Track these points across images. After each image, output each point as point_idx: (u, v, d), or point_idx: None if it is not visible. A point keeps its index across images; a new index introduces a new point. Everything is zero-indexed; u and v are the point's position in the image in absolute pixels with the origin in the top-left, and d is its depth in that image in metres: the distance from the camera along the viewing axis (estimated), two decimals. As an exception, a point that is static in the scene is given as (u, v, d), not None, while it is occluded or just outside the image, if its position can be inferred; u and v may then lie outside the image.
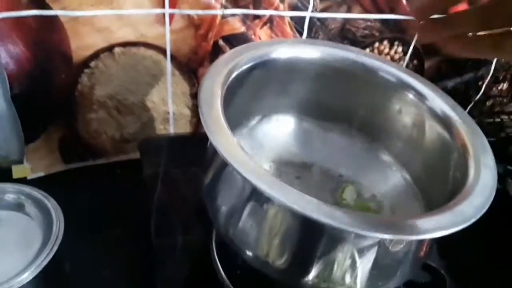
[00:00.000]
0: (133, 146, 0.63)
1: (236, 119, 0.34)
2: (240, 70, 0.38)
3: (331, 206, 0.28)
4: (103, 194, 0.57)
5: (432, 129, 0.42)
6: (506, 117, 0.73)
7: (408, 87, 0.43)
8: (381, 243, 0.31)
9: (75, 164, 0.61)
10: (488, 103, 0.83)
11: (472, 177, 0.34)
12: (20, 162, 0.58)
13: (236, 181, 0.33)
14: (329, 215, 0.27)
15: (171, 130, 0.64)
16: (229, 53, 0.40)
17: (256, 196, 0.31)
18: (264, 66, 0.41)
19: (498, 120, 0.73)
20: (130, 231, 0.53)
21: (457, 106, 0.41)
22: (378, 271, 0.33)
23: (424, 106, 0.42)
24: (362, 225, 0.27)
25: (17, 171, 0.58)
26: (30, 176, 0.59)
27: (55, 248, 0.40)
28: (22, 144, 0.57)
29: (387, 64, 0.44)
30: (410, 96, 0.43)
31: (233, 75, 0.37)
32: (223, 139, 0.31)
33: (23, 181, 0.58)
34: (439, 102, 0.41)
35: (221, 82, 0.35)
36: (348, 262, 0.32)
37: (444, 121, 0.41)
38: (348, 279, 0.32)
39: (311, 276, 0.33)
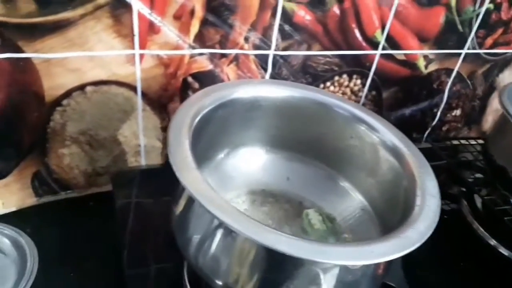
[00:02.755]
0: (105, 179, 0.64)
1: (204, 154, 0.37)
2: (206, 110, 0.41)
3: (290, 236, 0.31)
4: (76, 227, 0.58)
5: (385, 159, 0.46)
6: (459, 142, 0.78)
7: (361, 121, 0.47)
8: (340, 268, 0.34)
9: (47, 198, 0.62)
10: (444, 128, 0.88)
11: (418, 204, 0.37)
12: (-9, 198, 0.59)
13: (203, 215, 0.35)
14: (289, 245, 0.30)
15: (143, 162, 0.66)
16: (196, 95, 0.43)
17: (222, 228, 0.34)
18: (228, 105, 0.44)
19: (452, 144, 0.78)
20: (103, 262, 0.54)
21: (405, 138, 0.45)
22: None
23: (377, 138, 0.46)
24: (319, 253, 0.30)
25: (-11, 207, 0.59)
26: (1, 211, 0.59)
27: (30, 284, 0.41)
28: (-6, 181, 0.58)
29: (341, 101, 0.48)
30: (363, 129, 0.47)
31: (200, 115, 0.40)
32: (190, 176, 0.34)
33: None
34: (389, 134, 0.45)
35: (188, 122, 0.38)
36: (310, 287, 0.34)
37: (395, 152, 0.45)
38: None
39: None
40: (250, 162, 0.52)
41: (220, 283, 0.37)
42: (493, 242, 0.61)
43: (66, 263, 0.53)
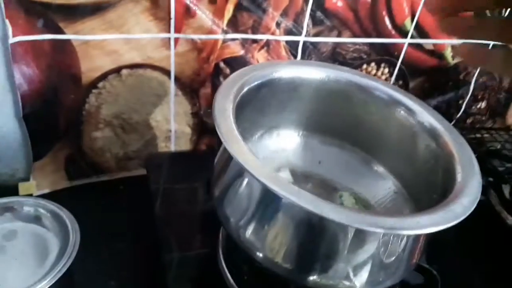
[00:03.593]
0: (135, 163, 0.66)
1: (241, 133, 0.37)
2: (248, 88, 0.42)
3: (337, 205, 0.32)
4: (107, 210, 0.59)
5: (421, 140, 0.46)
6: (486, 133, 0.78)
7: (399, 103, 0.48)
8: (380, 240, 0.34)
9: (79, 181, 0.63)
10: (469, 121, 0.88)
11: (459, 181, 0.38)
12: (26, 179, 0.60)
13: (250, 185, 0.36)
14: (337, 212, 0.30)
15: (172, 147, 0.67)
16: (237, 73, 0.43)
17: (269, 198, 0.34)
18: (268, 85, 0.45)
19: (478, 136, 0.78)
20: (136, 244, 0.56)
21: (443, 119, 0.46)
22: (378, 268, 0.36)
23: (414, 121, 0.47)
24: (366, 221, 0.31)
25: (23, 188, 0.60)
26: (36, 193, 0.60)
27: (73, 257, 0.42)
28: (30, 162, 0.59)
29: (379, 83, 0.49)
30: (401, 111, 0.47)
31: (242, 92, 0.41)
32: (237, 147, 0.34)
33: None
34: (427, 116, 0.46)
35: (232, 98, 0.39)
36: (351, 258, 0.35)
37: (432, 133, 0.45)
38: (351, 275, 0.35)
39: (317, 273, 0.36)
40: (284, 144, 0.53)
41: (261, 255, 0.37)
42: (522, 230, 0.61)
43: (98, 243, 0.54)
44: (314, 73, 0.48)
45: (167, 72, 0.59)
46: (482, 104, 0.86)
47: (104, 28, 0.53)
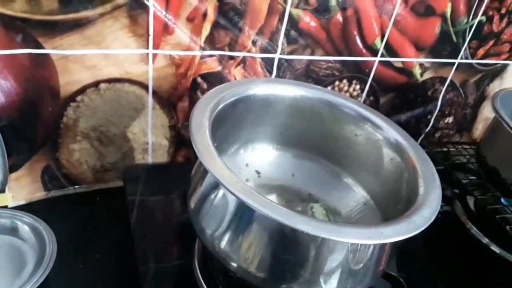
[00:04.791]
0: (112, 175, 0.66)
1: (217, 147, 0.39)
2: (224, 104, 0.44)
3: (306, 217, 0.34)
4: (83, 221, 0.60)
5: (387, 155, 0.49)
6: (453, 147, 0.82)
7: (366, 119, 0.50)
8: (349, 250, 0.36)
9: (55, 192, 0.64)
10: (437, 135, 0.91)
11: (421, 193, 0.40)
12: (2, 191, 0.60)
13: (225, 199, 0.37)
14: (307, 224, 0.32)
15: (149, 159, 0.68)
16: (214, 90, 0.45)
17: (243, 211, 0.36)
18: (244, 101, 0.47)
19: (445, 149, 0.82)
20: (112, 255, 0.56)
21: (407, 135, 0.48)
22: (346, 275, 0.38)
23: (380, 136, 0.49)
24: (334, 232, 0.33)
25: (-1, 200, 0.60)
26: (11, 205, 0.60)
27: (49, 268, 0.43)
28: (6, 174, 0.59)
29: (348, 100, 0.51)
30: (368, 127, 0.50)
31: (218, 108, 0.43)
32: (213, 162, 0.36)
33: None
34: (392, 132, 0.49)
35: (208, 114, 0.41)
36: (321, 267, 0.37)
37: (397, 148, 0.48)
38: (321, 283, 0.37)
39: (289, 281, 0.37)
40: (259, 158, 0.55)
41: (235, 265, 0.39)
42: (485, 240, 0.64)
43: (75, 254, 0.54)
44: (287, 90, 0.51)
45: (145, 87, 0.60)
46: (450, 119, 0.90)
47: (83, 44, 0.54)
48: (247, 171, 0.54)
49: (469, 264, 0.65)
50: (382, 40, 0.70)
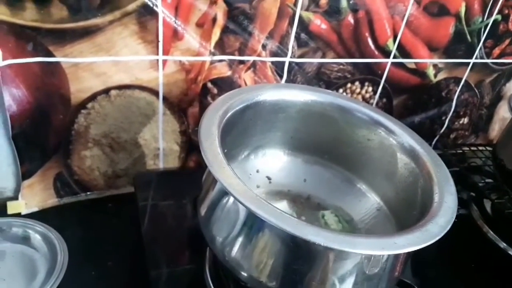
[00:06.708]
0: (123, 181, 0.66)
1: (227, 154, 0.39)
2: (234, 110, 0.43)
3: (318, 227, 0.33)
4: (95, 228, 0.60)
5: (401, 160, 0.48)
6: (468, 148, 0.80)
7: (380, 124, 0.49)
8: (362, 260, 0.36)
9: (67, 199, 0.64)
10: (452, 136, 0.90)
11: (436, 201, 0.39)
12: (15, 198, 0.61)
13: (235, 208, 0.37)
14: (317, 235, 0.31)
15: (161, 165, 0.68)
16: (223, 96, 0.45)
17: (253, 221, 0.36)
18: (253, 107, 0.47)
19: (460, 151, 0.80)
20: (124, 261, 0.56)
21: (422, 140, 0.47)
22: (360, 285, 0.37)
23: (394, 141, 0.48)
24: (346, 243, 0.32)
25: (12, 207, 0.60)
26: (24, 212, 0.61)
27: (61, 277, 0.43)
28: (19, 181, 0.60)
29: (360, 105, 0.50)
30: (381, 132, 0.49)
31: (228, 115, 0.42)
32: (222, 171, 0.35)
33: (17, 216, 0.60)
34: (406, 137, 0.48)
35: (217, 122, 0.40)
36: (333, 278, 0.36)
37: (411, 153, 0.46)
38: (334, 294, 0.37)
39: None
40: (269, 163, 0.54)
41: (245, 274, 0.38)
42: (503, 245, 0.62)
43: (86, 261, 0.54)
44: (298, 95, 0.50)
45: (155, 93, 0.60)
46: (465, 120, 0.89)
47: (93, 51, 0.54)
48: (258, 177, 0.54)
49: (486, 269, 0.63)
50: (394, 41, 0.69)
